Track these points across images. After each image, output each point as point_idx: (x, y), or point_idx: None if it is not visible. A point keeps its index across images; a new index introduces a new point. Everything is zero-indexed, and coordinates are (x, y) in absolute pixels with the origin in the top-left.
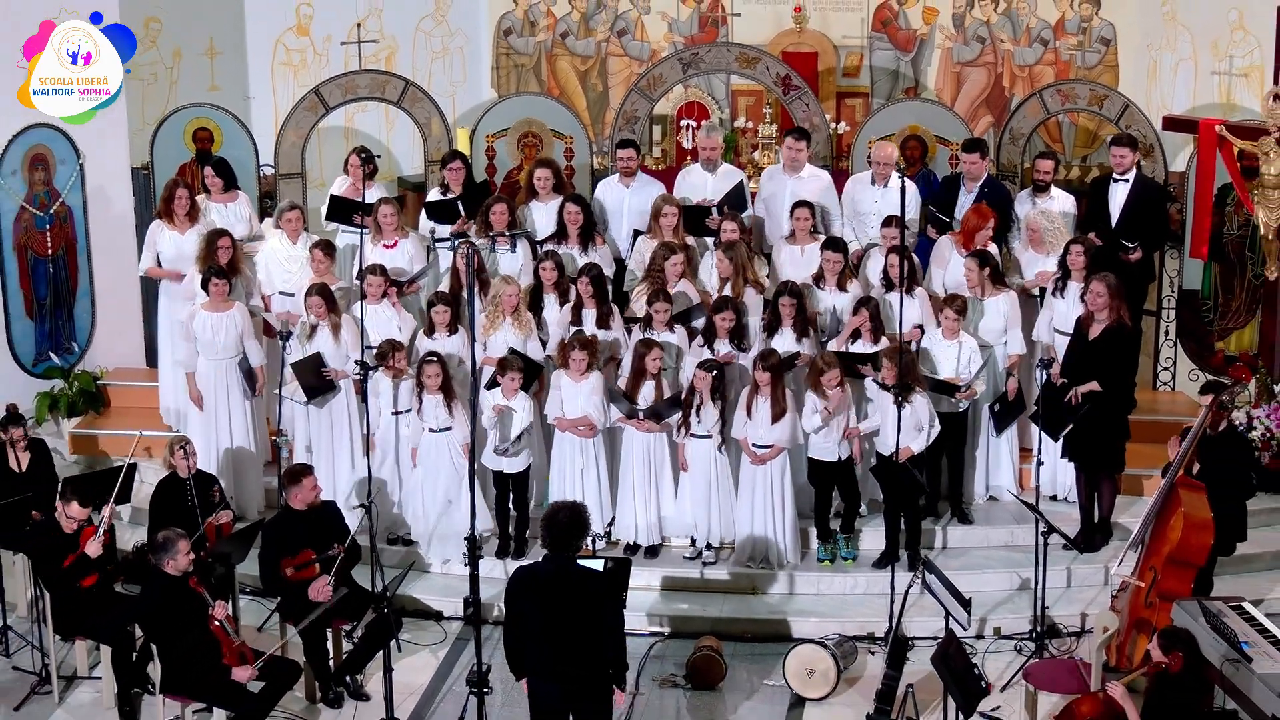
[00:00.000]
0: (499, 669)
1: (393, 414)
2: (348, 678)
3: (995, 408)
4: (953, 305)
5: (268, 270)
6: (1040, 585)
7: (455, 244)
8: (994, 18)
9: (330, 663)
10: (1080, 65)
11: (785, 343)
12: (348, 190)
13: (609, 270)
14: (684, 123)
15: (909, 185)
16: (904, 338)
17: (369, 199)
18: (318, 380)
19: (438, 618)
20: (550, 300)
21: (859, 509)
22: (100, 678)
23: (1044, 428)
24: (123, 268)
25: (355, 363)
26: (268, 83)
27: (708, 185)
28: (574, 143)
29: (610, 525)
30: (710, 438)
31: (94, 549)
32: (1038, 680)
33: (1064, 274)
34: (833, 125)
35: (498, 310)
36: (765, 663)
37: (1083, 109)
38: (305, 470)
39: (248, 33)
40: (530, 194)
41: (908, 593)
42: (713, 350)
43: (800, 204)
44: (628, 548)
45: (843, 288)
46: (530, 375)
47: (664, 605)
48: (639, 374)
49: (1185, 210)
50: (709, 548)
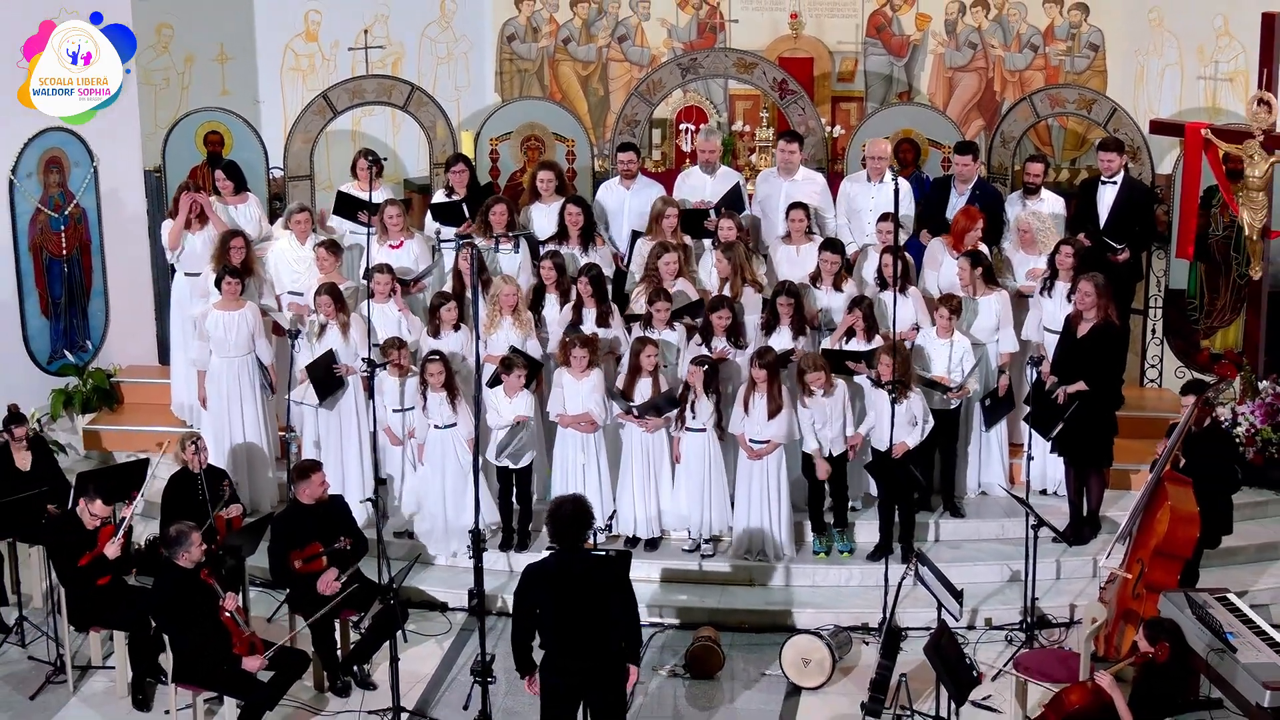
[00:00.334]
0: (503, 658)
1: (393, 411)
2: (355, 667)
3: (986, 403)
4: (948, 305)
5: (276, 271)
6: (1030, 577)
7: (459, 245)
8: (985, 24)
9: (338, 652)
10: (1069, 70)
11: (782, 341)
12: (355, 193)
13: (608, 270)
14: (683, 126)
15: (902, 183)
16: (899, 337)
17: (376, 199)
18: (330, 377)
19: (443, 609)
20: (551, 300)
21: (849, 503)
22: (114, 667)
23: (1035, 426)
24: (135, 268)
25: (362, 360)
26: (277, 87)
27: (706, 187)
28: (575, 146)
29: (611, 518)
30: (704, 431)
31: (112, 551)
32: (1028, 670)
33: (1052, 274)
34: (828, 129)
35: (497, 309)
36: (762, 653)
37: (1072, 113)
38: (314, 466)
39: (257, 39)
40: (533, 195)
41: (901, 584)
42: (710, 348)
43: (795, 205)
44: (628, 541)
45: (838, 288)
46: (531, 373)
47: (663, 597)
48: (635, 370)
49: (1172, 212)
50: (705, 540)
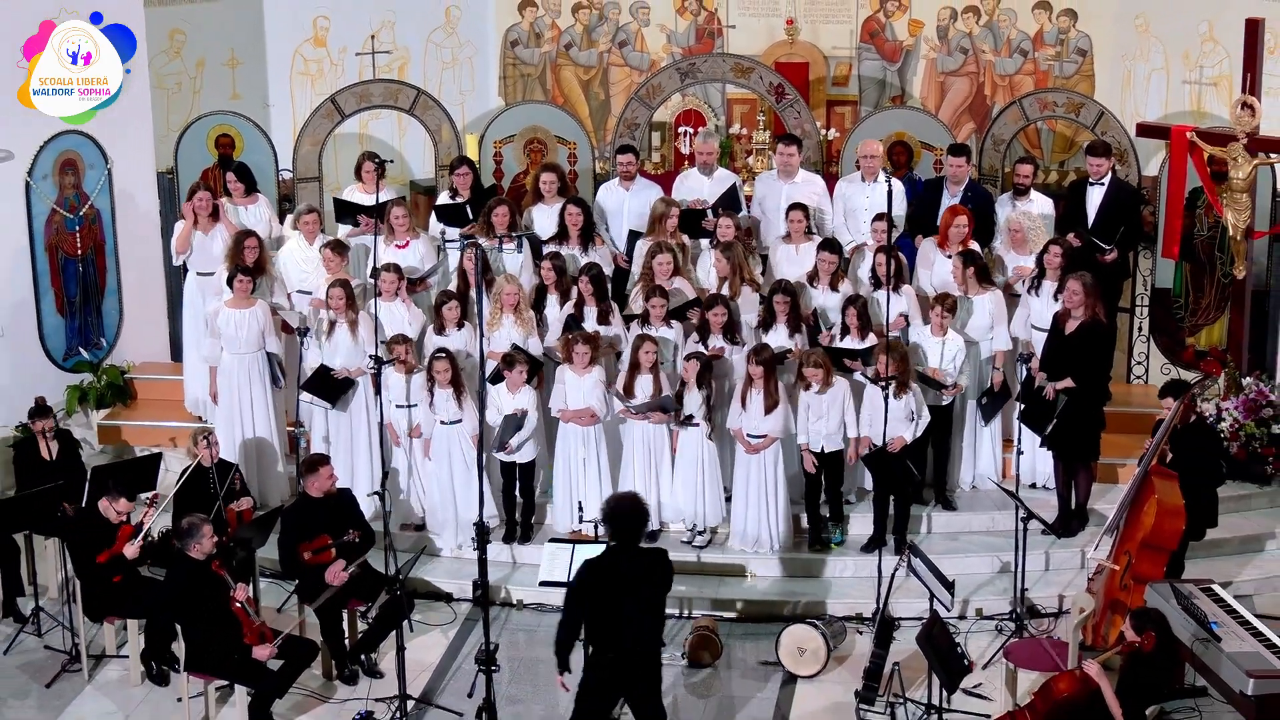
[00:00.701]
0: (506, 648)
1: (397, 407)
2: (363, 656)
3: (983, 400)
4: (944, 304)
5: (285, 270)
6: (1020, 568)
7: (464, 244)
8: (976, 30)
9: (346, 642)
10: (1058, 75)
11: (779, 338)
12: (357, 194)
13: (608, 270)
14: (682, 129)
15: (895, 184)
16: (888, 328)
17: (382, 200)
18: (331, 383)
19: (448, 599)
20: (551, 299)
21: (843, 496)
22: (127, 656)
23: (1028, 423)
24: (148, 267)
25: (370, 357)
26: (286, 91)
27: (704, 188)
28: (577, 148)
29: None
30: (698, 425)
31: (131, 551)
32: (1018, 658)
33: (1039, 272)
34: (823, 132)
35: (499, 307)
36: (759, 642)
37: (1060, 116)
38: (322, 460)
39: (267, 44)
40: (536, 197)
41: (894, 575)
42: (707, 345)
43: (795, 206)
44: None
45: (834, 287)
46: (531, 371)
47: None
48: (635, 367)
49: (1158, 212)
50: (699, 532)
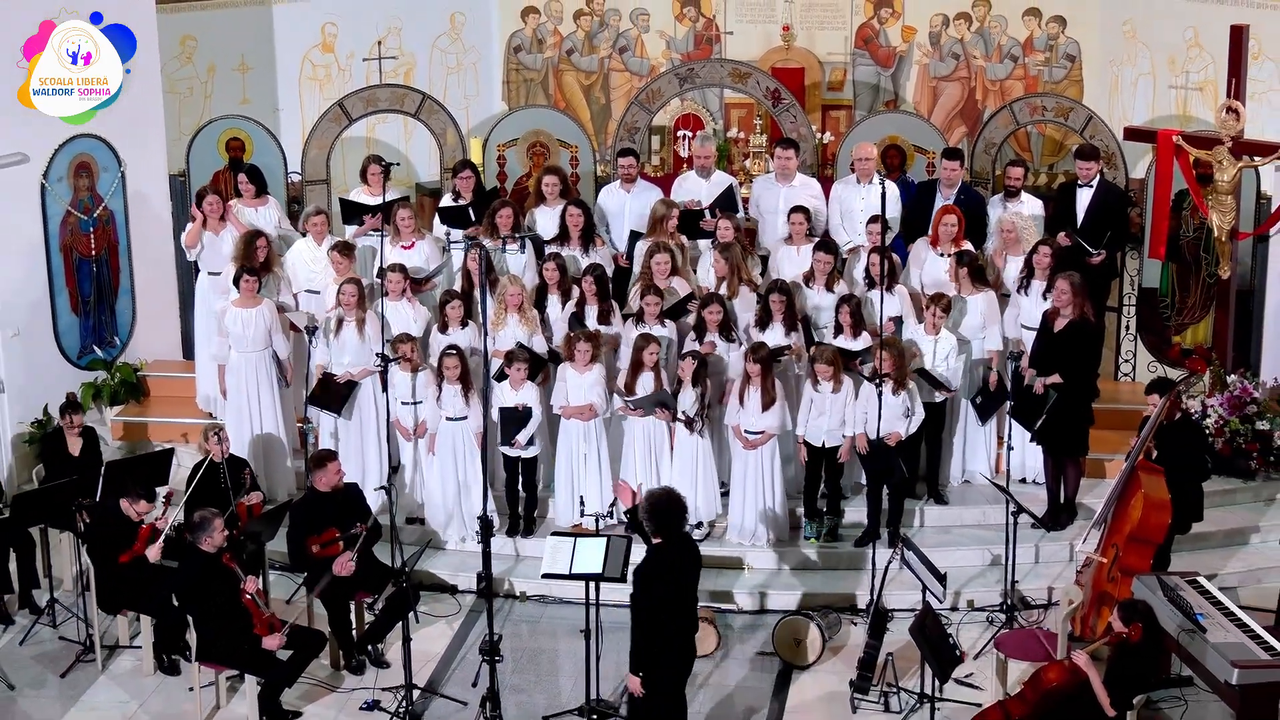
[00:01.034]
0: (509, 638)
1: (402, 404)
2: (370, 646)
3: (978, 400)
4: (939, 303)
5: (294, 270)
6: (1010, 561)
7: (468, 245)
8: (968, 36)
9: (353, 633)
10: (1047, 80)
11: (775, 337)
12: (363, 196)
13: (609, 270)
14: (680, 133)
15: (889, 186)
16: (880, 330)
17: (388, 202)
18: (334, 392)
19: (453, 591)
20: (553, 299)
21: (842, 491)
22: (140, 646)
23: (1018, 418)
24: (161, 267)
25: (377, 355)
26: (295, 96)
27: (702, 191)
28: (579, 151)
29: (613, 505)
30: (696, 424)
31: (154, 554)
32: (1008, 649)
33: (1029, 272)
34: (818, 135)
35: (503, 307)
36: (756, 633)
37: (1050, 120)
38: (330, 455)
39: (277, 50)
40: (538, 199)
41: (888, 568)
42: (701, 343)
43: (796, 209)
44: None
45: (830, 288)
46: (534, 368)
47: None
48: (637, 365)
49: (1145, 214)
50: (695, 525)
